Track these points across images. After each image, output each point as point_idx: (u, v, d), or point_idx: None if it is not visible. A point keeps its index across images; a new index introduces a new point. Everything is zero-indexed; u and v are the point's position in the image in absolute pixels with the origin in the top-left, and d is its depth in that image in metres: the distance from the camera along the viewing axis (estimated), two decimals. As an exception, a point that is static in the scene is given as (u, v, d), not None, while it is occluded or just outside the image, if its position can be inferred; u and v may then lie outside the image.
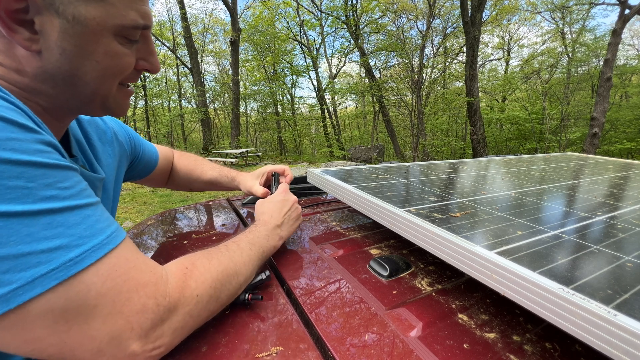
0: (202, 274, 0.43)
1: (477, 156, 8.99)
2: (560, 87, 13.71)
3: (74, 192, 0.36)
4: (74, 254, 0.32)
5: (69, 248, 0.32)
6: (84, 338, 0.32)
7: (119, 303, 0.34)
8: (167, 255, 0.69)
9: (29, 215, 0.31)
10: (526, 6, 15.42)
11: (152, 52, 0.47)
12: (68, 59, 0.39)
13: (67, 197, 0.34)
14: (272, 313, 0.47)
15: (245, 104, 20.54)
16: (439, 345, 0.40)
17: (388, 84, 15.50)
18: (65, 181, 0.35)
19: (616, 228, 0.55)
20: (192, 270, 0.43)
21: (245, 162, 11.07)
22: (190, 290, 0.40)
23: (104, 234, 0.36)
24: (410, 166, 1.14)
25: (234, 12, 12.81)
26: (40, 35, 0.37)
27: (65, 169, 0.36)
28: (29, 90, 0.41)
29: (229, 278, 0.46)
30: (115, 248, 0.36)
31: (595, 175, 1.11)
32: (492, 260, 0.40)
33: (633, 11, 6.97)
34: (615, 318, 0.29)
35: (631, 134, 12.04)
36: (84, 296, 0.32)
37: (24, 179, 0.31)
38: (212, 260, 0.46)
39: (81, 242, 0.33)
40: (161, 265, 0.42)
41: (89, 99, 0.44)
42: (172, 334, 0.37)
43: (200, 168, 0.94)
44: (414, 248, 0.68)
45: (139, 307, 0.35)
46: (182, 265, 0.43)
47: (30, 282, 0.30)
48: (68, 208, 0.34)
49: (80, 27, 0.38)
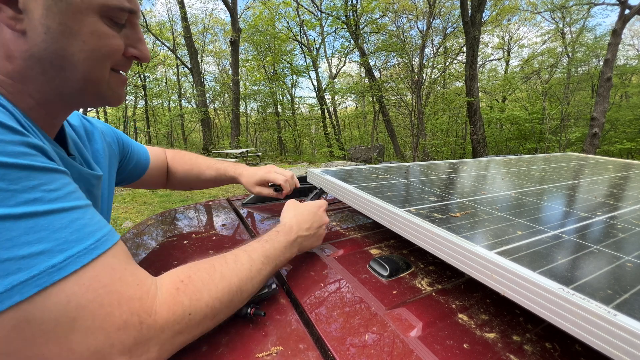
0: (199, 290, 0.39)
1: (477, 156, 8.99)
2: (560, 87, 13.71)
3: (60, 194, 0.34)
4: (57, 259, 0.30)
5: (52, 253, 0.30)
6: (64, 352, 0.30)
7: (100, 317, 0.31)
8: (167, 255, 0.69)
9: (9, 218, 0.29)
10: (526, 6, 15.42)
11: (140, 40, 0.46)
12: (54, 39, 0.38)
13: (53, 199, 0.33)
14: (272, 312, 0.47)
15: (245, 104, 20.54)
16: (439, 345, 0.40)
17: (388, 84, 15.49)
18: (52, 183, 0.34)
19: (616, 228, 0.55)
20: (187, 284, 0.39)
21: (245, 162, 11.07)
22: (182, 308, 0.37)
23: (92, 238, 0.34)
24: (410, 166, 1.14)
25: (234, 12, 12.81)
26: (24, 14, 0.37)
27: (52, 171, 0.35)
28: (20, 79, 0.40)
29: (231, 296, 0.42)
30: (102, 255, 0.34)
31: (595, 175, 1.12)
32: (492, 260, 0.40)
33: (633, 11, 6.97)
34: (615, 318, 0.29)
35: (631, 134, 12.04)
36: (63, 308, 0.30)
37: (6, 181, 0.30)
38: (213, 274, 0.42)
39: (66, 247, 0.32)
40: (156, 274, 0.40)
41: (81, 86, 0.43)
42: (159, 350, 0.35)
43: (197, 168, 0.91)
44: (414, 248, 0.68)
45: (120, 323, 0.32)
46: (177, 278, 0.40)
47: (9, 289, 0.28)
48: (53, 211, 0.32)
49: (64, 4, 0.37)
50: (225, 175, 0.90)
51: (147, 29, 15.26)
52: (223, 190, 6.30)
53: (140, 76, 17.19)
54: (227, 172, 0.90)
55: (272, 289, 0.49)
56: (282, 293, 0.53)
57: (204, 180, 0.91)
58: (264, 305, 0.49)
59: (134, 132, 19.79)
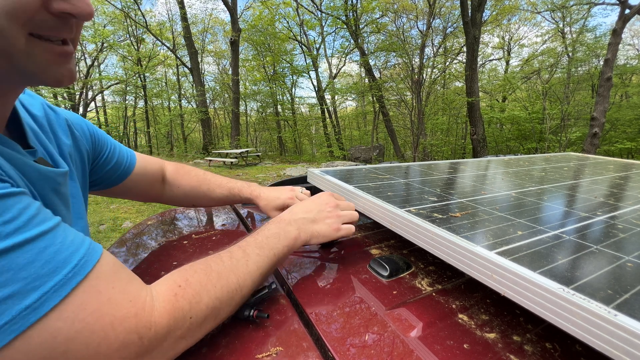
0: (198, 292, 0.38)
1: (477, 156, 8.99)
2: (561, 87, 13.72)
3: (19, 223, 0.29)
4: (30, 299, 0.27)
5: (22, 294, 0.27)
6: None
7: (94, 345, 0.29)
8: (167, 255, 0.69)
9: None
10: (526, 6, 15.43)
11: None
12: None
13: (11, 233, 0.28)
14: (272, 313, 0.47)
15: (245, 104, 20.57)
16: (439, 346, 0.40)
17: (388, 84, 15.51)
18: (5, 213, 0.29)
19: (616, 228, 0.55)
20: (185, 289, 0.37)
21: (245, 162, 11.07)
22: (183, 313, 0.35)
23: (69, 264, 0.30)
24: (410, 166, 1.14)
25: (234, 12, 12.81)
26: None
27: (2, 198, 0.29)
28: None
29: (231, 294, 0.41)
30: (83, 280, 0.31)
31: (596, 175, 1.11)
32: (492, 260, 0.40)
33: (633, 11, 6.97)
34: (616, 318, 0.29)
35: (631, 133, 12.05)
36: (50, 345, 0.28)
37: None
38: (210, 275, 0.40)
39: (38, 283, 0.28)
40: (156, 275, 0.38)
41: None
42: (163, 356, 0.34)
43: (206, 185, 0.81)
44: (414, 248, 0.68)
45: (117, 344, 0.30)
46: (173, 284, 0.38)
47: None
48: (14, 246, 0.28)
49: None
50: (240, 195, 0.81)
51: (147, 29, 15.28)
52: (223, 190, 6.28)
53: (140, 76, 17.21)
54: (241, 193, 0.81)
55: (272, 289, 0.49)
56: (282, 293, 0.53)
57: (213, 198, 0.82)
58: (265, 305, 0.49)
59: (134, 132, 19.80)
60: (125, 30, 16.50)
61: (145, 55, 17.40)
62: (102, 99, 19.63)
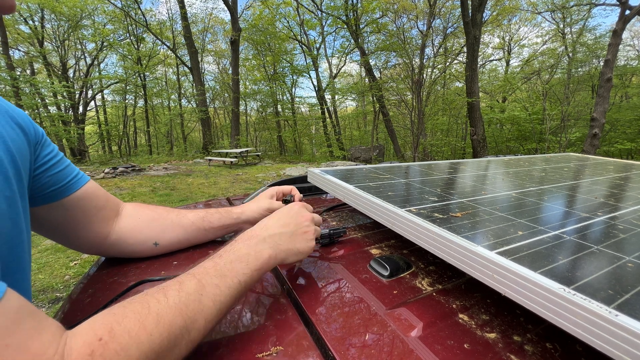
0: (124, 348, 0.29)
1: (477, 156, 8.99)
2: (561, 88, 13.72)
3: None
4: None
5: None
6: None
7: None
8: (167, 255, 0.68)
9: None
10: (526, 6, 15.43)
11: None
12: None
13: None
14: (272, 313, 0.47)
15: (245, 104, 20.59)
16: (439, 345, 0.40)
17: (388, 84, 15.50)
18: None
19: (617, 228, 0.55)
20: (107, 343, 0.29)
21: (244, 161, 11.06)
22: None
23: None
24: (410, 166, 1.14)
25: (234, 11, 12.81)
26: None
27: None
28: None
29: (174, 341, 0.33)
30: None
31: (596, 175, 1.11)
32: (492, 260, 0.40)
33: (633, 12, 6.98)
34: (617, 318, 0.29)
35: (631, 134, 12.05)
36: None
37: None
38: (146, 319, 0.32)
39: None
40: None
41: None
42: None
43: (174, 212, 0.68)
44: (414, 248, 0.68)
45: None
46: (93, 336, 0.29)
47: None
48: None
49: None
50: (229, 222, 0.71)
51: (147, 28, 15.27)
52: (223, 190, 6.30)
53: (140, 75, 17.20)
54: (219, 213, 0.71)
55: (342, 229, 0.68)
56: (282, 293, 0.53)
57: (183, 226, 0.67)
58: (265, 305, 0.49)
59: (133, 132, 19.80)
60: (125, 30, 16.48)
61: (145, 55, 17.40)
62: (102, 98, 19.63)
